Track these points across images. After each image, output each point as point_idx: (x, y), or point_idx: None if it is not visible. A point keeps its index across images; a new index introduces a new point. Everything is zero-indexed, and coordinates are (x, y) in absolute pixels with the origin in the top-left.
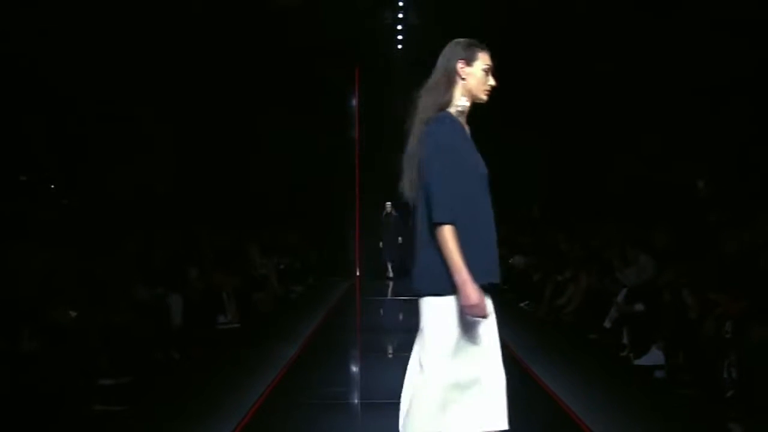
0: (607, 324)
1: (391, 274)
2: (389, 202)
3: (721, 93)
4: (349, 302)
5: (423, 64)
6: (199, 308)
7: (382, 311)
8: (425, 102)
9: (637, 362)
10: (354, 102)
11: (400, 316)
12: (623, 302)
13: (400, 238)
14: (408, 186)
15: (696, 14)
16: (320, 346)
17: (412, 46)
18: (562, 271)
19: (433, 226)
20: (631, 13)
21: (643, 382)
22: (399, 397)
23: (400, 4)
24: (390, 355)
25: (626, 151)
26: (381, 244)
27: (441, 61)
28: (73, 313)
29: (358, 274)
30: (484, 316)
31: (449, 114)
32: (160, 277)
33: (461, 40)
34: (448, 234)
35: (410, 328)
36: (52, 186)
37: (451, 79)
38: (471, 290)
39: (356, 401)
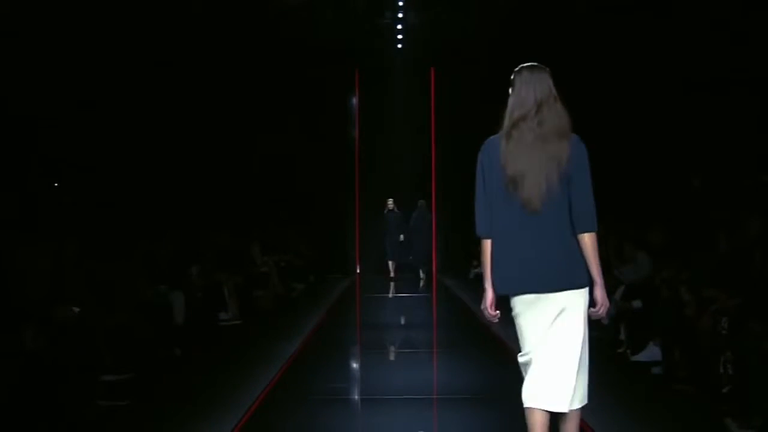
0: (604, 321)
1: (393, 275)
2: (391, 199)
3: (717, 87)
4: (349, 299)
5: (421, 65)
6: (201, 305)
7: (382, 308)
8: (561, 112)
9: (634, 358)
10: (354, 102)
11: (400, 313)
12: (621, 299)
13: (401, 236)
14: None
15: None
16: (321, 343)
17: (411, 46)
18: None
19: (585, 230)
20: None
21: (641, 378)
22: (399, 393)
23: (400, 3)
24: (390, 352)
25: (616, 145)
26: (385, 241)
27: (545, 82)
28: (76, 309)
29: (358, 271)
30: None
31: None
32: (164, 275)
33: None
34: (593, 242)
35: (410, 325)
36: (56, 184)
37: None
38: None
39: (357, 397)
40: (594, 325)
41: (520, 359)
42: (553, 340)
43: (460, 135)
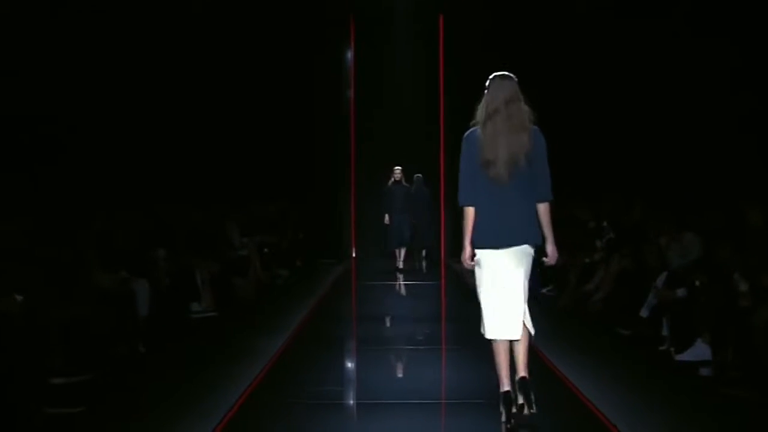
0: (643, 313)
1: (401, 265)
2: (398, 168)
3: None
4: (343, 288)
5: (427, 11)
6: (169, 295)
7: (382, 298)
8: (524, 109)
9: (679, 358)
10: (349, 56)
11: (403, 304)
12: (663, 287)
13: (413, 220)
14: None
15: None
16: (310, 338)
17: None
18: (590, 252)
19: (543, 200)
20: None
21: (686, 381)
22: (401, 397)
23: None
24: (391, 349)
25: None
26: (386, 220)
27: (513, 86)
28: (19, 298)
29: (354, 255)
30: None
31: None
32: (124, 259)
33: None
34: (547, 210)
35: (414, 318)
36: None
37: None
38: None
39: (351, 402)
40: (631, 319)
41: (481, 293)
42: (509, 285)
43: (474, 95)
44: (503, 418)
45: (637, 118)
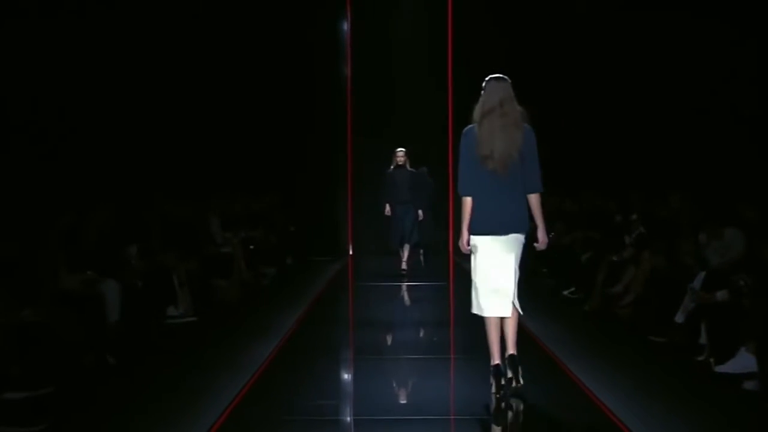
0: (678, 318)
1: (405, 266)
2: (402, 150)
3: None
4: (339, 289)
5: None
6: (142, 298)
7: (382, 300)
8: (517, 108)
9: (719, 369)
10: (345, 28)
11: (407, 307)
12: (701, 289)
13: (420, 212)
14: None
15: None
16: (301, 346)
17: None
18: (619, 249)
19: (533, 191)
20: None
21: (728, 396)
22: (402, 412)
23: None
24: (392, 359)
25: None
26: (387, 211)
27: (507, 88)
28: None
29: (351, 252)
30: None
31: None
32: (92, 258)
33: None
34: (537, 200)
35: (419, 323)
36: None
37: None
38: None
39: (348, 418)
40: (664, 324)
41: (474, 281)
42: (501, 268)
43: (487, 72)
44: (493, 390)
45: (668, 104)
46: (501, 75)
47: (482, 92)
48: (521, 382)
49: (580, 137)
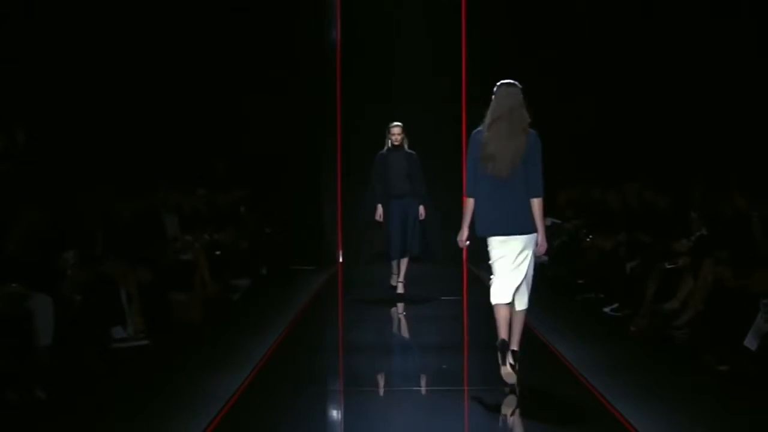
0: (749, 343)
1: (399, 285)
2: (398, 126)
3: None
4: (326, 305)
5: None
6: (81, 316)
7: (378, 319)
8: (525, 116)
9: None
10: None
11: (408, 327)
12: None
13: (421, 208)
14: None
15: None
16: (279, 377)
17: None
18: (673, 255)
19: (535, 196)
20: None
21: None
22: None
23: None
24: (389, 391)
25: None
26: (378, 214)
27: (517, 95)
28: None
29: (341, 259)
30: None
31: None
32: (18, 267)
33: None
34: (539, 204)
35: (423, 347)
36: None
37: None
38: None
39: None
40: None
41: (492, 278)
42: (516, 266)
43: (508, 33)
44: (500, 361)
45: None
46: (512, 81)
47: (493, 97)
48: (516, 370)
49: (624, 119)
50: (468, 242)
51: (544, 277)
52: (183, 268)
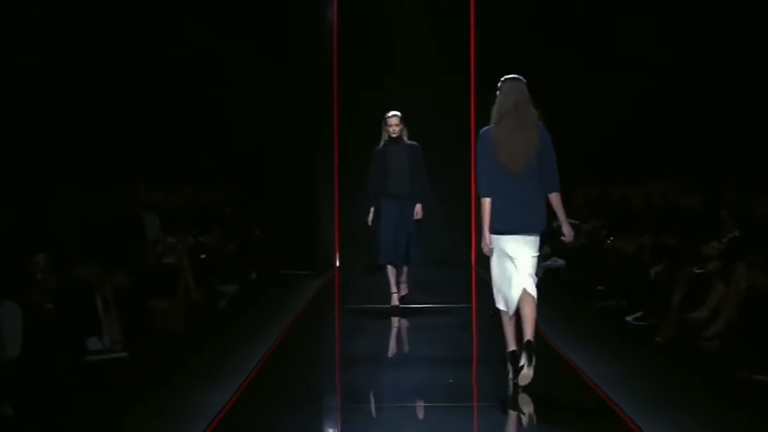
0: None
1: (396, 298)
2: (396, 116)
3: None
4: (321, 313)
5: None
6: (53, 326)
7: (378, 329)
8: (531, 110)
9: None
10: None
11: (411, 338)
12: None
13: (418, 207)
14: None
15: None
16: (270, 392)
17: None
18: (702, 260)
19: (552, 191)
20: None
21: None
22: None
23: None
24: (390, 408)
25: None
26: (371, 212)
27: (522, 90)
28: None
29: (337, 263)
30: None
31: None
32: None
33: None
34: (558, 198)
35: (428, 359)
36: None
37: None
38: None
39: None
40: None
41: (494, 276)
42: (517, 265)
43: (515, 44)
44: (510, 375)
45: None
46: (516, 75)
47: (497, 93)
48: (533, 362)
49: (649, 112)
50: (493, 247)
51: (560, 283)
52: (165, 273)
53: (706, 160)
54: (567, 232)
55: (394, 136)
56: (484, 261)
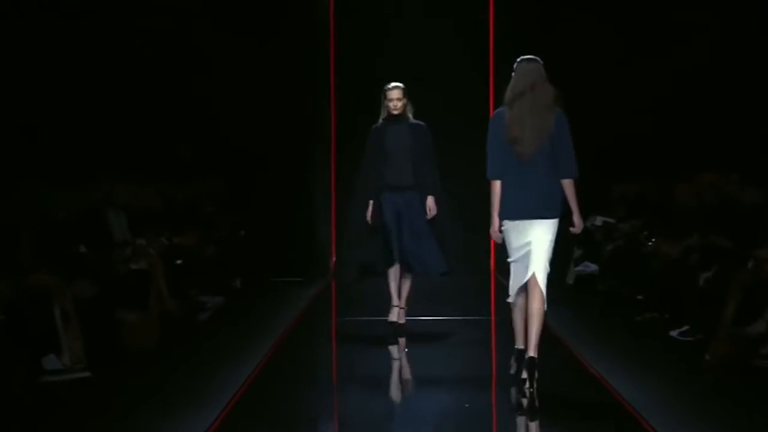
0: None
1: (401, 314)
2: (398, 89)
3: None
4: (315, 328)
5: None
6: (4, 342)
7: (381, 346)
8: (549, 90)
9: None
10: None
11: (419, 356)
12: None
13: (430, 201)
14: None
15: None
16: (255, 417)
17: None
18: (760, 265)
19: (567, 176)
20: None
21: None
22: None
23: None
24: None
25: None
26: (370, 208)
27: (538, 70)
28: None
29: (334, 270)
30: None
31: None
32: None
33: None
34: (572, 185)
35: (440, 381)
36: None
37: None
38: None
39: None
40: None
41: (510, 261)
42: (534, 254)
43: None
44: (513, 371)
45: None
46: (532, 56)
47: (513, 74)
48: (535, 386)
49: (698, 92)
50: (502, 234)
51: (593, 292)
52: (134, 281)
53: (766, 148)
54: (577, 222)
55: (395, 112)
56: (504, 267)
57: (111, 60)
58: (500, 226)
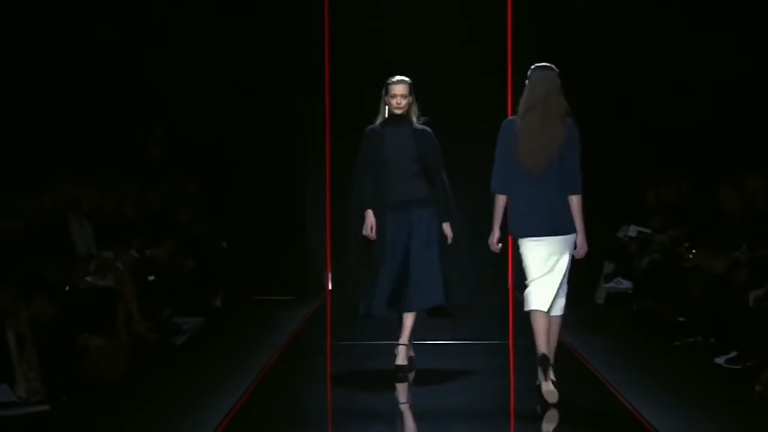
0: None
1: (401, 356)
2: (402, 80)
3: None
4: (307, 352)
5: None
6: None
7: (383, 374)
8: (562, 102)
9: None
10: None
11: (428, 386)
12: None
13: (447, 228)
14: (546, 150)
15: None
16: None
17: None
18: None
19: (573, 193)
20: None
21: None
22: None
23: None
24: None
25: None
26: (368, 229)
27: (553, 80)
28: None
29: (330, 286)
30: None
31: None
32: None
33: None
34: (578, 202)
35: (452, 413)
36: None
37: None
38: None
39: None
40: None
41: (527, 283)
42: (553, 269)
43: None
44: (541, 377)
45: None
46: (547, 64)
47: (527, 82)
48: (554, 377)
49: (746, 86)
50: (500, 245)
51: (627, 312)
52: (100, 300)
53: None
54: (580, 244)
55: (398, 111)
56: (523, 287)
57: (70, 49)
58: (500, 239)
